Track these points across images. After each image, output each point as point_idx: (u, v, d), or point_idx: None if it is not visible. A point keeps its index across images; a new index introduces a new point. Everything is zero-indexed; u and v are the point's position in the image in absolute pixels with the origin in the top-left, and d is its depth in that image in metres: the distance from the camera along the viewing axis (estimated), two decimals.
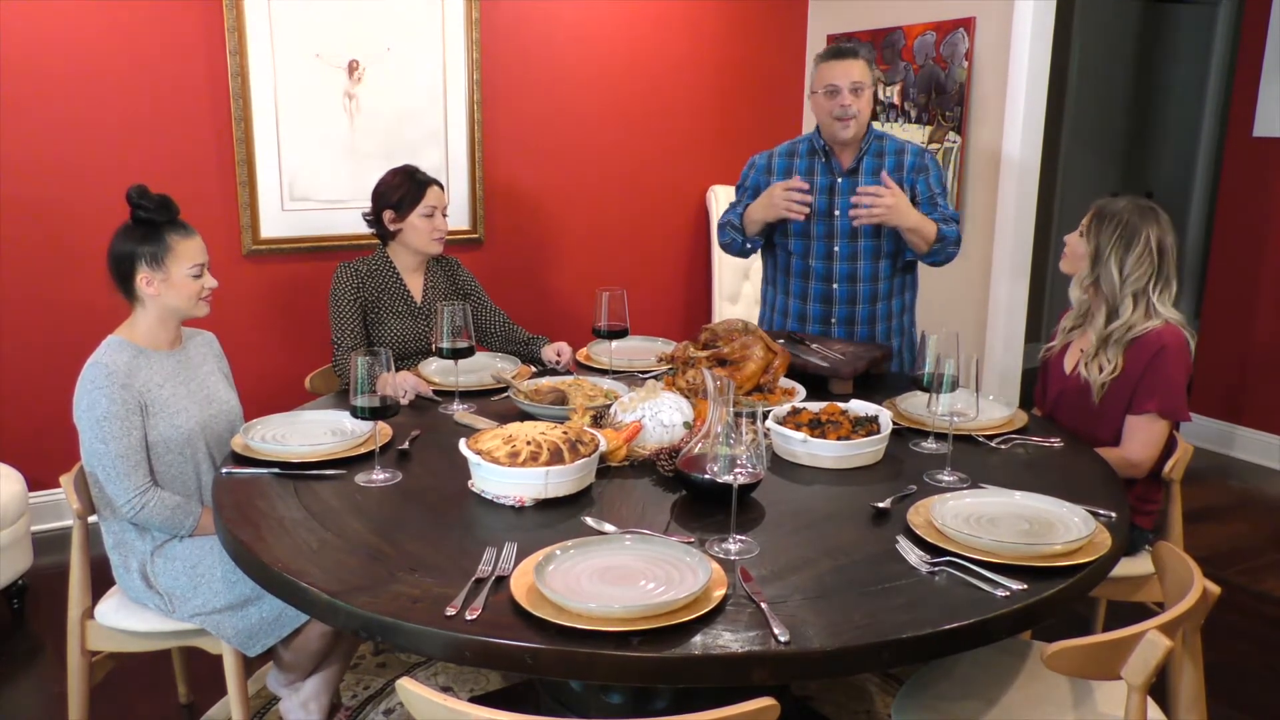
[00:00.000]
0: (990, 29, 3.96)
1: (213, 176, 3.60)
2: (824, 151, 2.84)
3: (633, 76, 4.36)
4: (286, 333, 3.81)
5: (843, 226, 2.81)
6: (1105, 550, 1.60)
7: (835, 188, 2.82)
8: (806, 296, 2.90)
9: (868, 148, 2.82)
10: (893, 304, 2.90)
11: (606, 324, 2.60)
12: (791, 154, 2.90)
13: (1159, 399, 2.24)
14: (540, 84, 4.15)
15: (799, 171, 2.85)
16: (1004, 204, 3.98)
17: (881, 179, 2.67)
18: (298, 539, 1.66)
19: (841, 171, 2.82)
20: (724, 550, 1.61)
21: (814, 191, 2.80)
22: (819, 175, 2.84)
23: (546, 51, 4.15)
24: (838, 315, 2.88)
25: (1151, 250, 2.26)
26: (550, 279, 4.36)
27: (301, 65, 3.65)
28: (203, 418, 2.20)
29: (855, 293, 2.85)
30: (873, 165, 2.81)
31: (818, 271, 2.87)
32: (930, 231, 2.68)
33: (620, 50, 4.31)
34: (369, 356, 1.89)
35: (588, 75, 4.26)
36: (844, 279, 2.85)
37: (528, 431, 1.87)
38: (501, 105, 4.06)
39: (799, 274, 2.90)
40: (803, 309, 2.92)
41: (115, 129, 3.44)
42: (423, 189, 2.79)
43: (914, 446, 2.15)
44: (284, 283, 3.79)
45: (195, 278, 2.17)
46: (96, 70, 3.39)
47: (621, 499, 1.86)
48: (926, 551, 1.60)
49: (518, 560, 1.54)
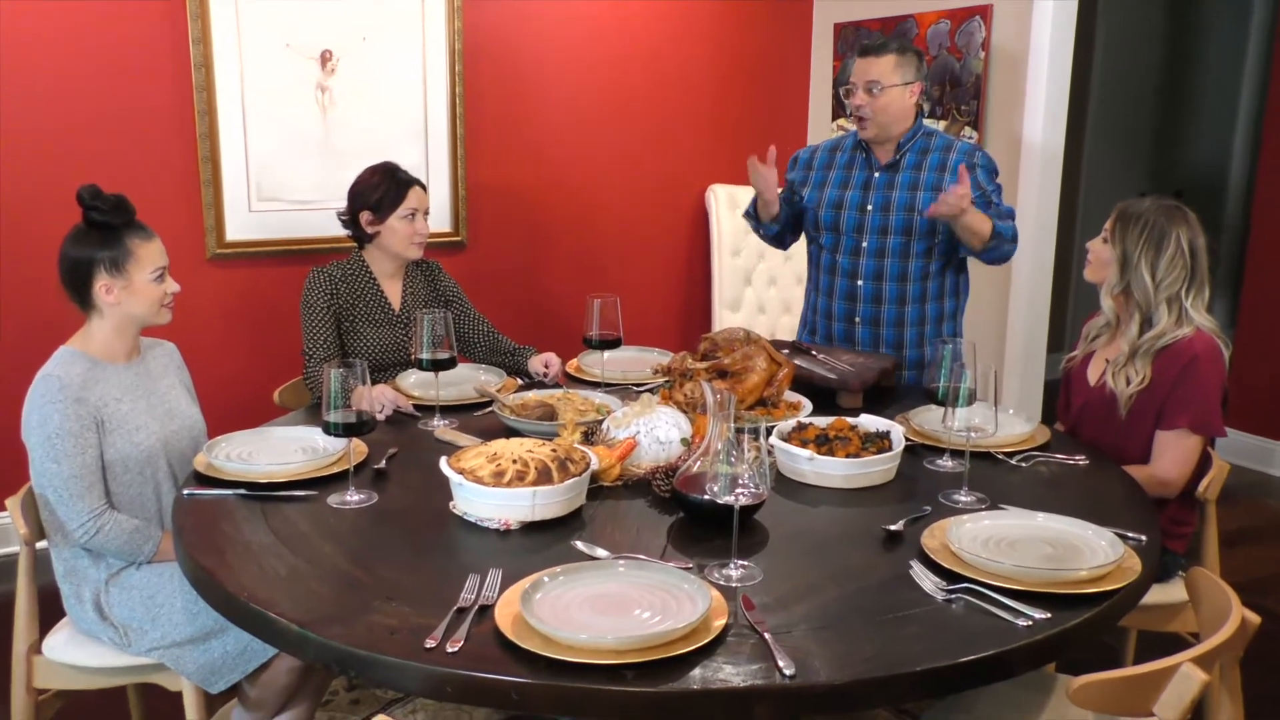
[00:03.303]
0: (1008, 16, 3.98)
1: (174, 175, 3.60)
2: (864, 147, 2.92)
3: (627, 69, 4.37)
4: (254, 343, 3.80)
5: (873, 222, 2.86)
6: (1135, 576, 1.60)
7: (871, 182, 2.88)
8: (833, 293, 2.96)
9: (912, 144, 2.87)
10: (927, 308, 2.91)
11: (598, 333, 2.61)
12: (835, 149, 3.01)
13: (1191, 412, 2.25)
14: (527, 76, 4.16)
15: (839, 165, 2.96)
16: (1024, 204, 4.00)
17: (959, 176, 2.67)
18: (265, 566, 1.66)
19: (880, 166, 2.88)
20: (724, 577, 1.61)
21: (851, 186, 2.90)
22: (857, 169, 2.92)
23: (534, 42, 4.16)
24: (861, 314, 2.92)
25: (1184, 252, 2.27)
26: (538, 285, 4.36)
27: (270, 56, 3.65)
28: (163, 434, 2.19)
29: (881, 292, 2.89)
30: (914, 161, 2.87)
31: (844, 267, 2.92)
32: (985, 229, 2.71)
33: (614, 41, 4.33)
34: (343, 368, 1.88)
35: (579, 67, 4.27)
36: (869, 276, 2.89)
37: (514, 449, 1.87)
38: (486, 99, 4.07)
39: (827, 269, 2.98)
40: (829, 306, 2.98)
41: (66, 123, 3.44)
42: (404, 189, 2.79)
43: (928, 464, 2.15)
44: (251, 289, 3.78)
45: (157, 282, 2.17)
46: (46, 61, 3.39)
47: (614, 522, 1.86)
48: (942, 577, 1.60)
49: (503, 588, 1.53)
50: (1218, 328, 2.32)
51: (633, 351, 2.94)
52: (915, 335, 2.91)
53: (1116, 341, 2.38)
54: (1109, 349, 2.42)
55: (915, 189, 2.83)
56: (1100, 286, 2.41)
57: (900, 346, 2.90)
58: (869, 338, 2.92)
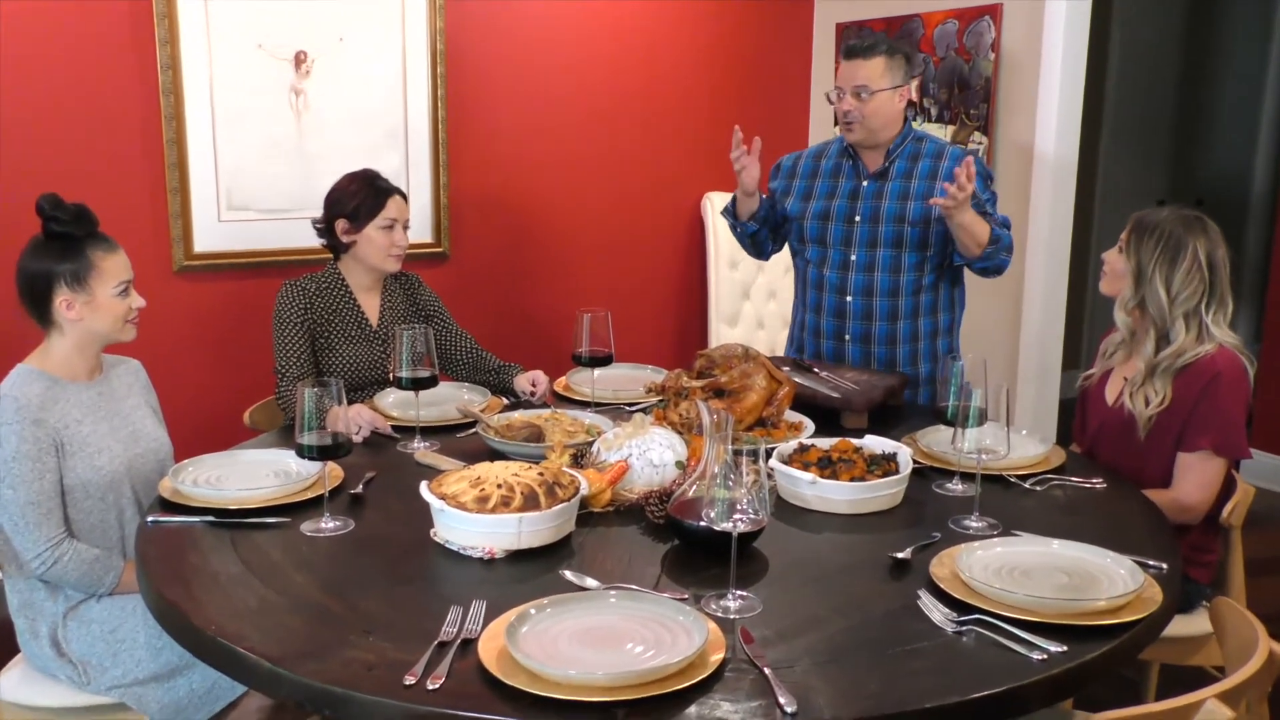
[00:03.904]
0: (1019, 16, 4.01)
1: (139, 183, 3.60)
2: (850, 153, 2.91)
3: (619, 70, 4.39)
4: (223, 360, 3.79)
5: (862, 234, 2.86)
6: (1156, 607, 1.60)
7: (859, 191, 2.88)
8: (821, 309, 2.96)
9: (901, 150, 2.87)
10: (920, 324, 2.91)
11: (588, 350, 2.61)
12: (820, 155, 3.01)
13: (1214, 433, 2.26)
14: (514, 79, 4.18)
15: (825, 173, 2.96)
16: (1037, 213, 4.02)
17: (955, 173, 2.66)
18: (234, 597, 1.65)
19: (868, 174, 2.88)
20: (722, 608, 1.61)
21: (837, 196, 2.90)
22: (845, 178, 2.92)
23: (521, 43, 4.17)
24: (851, 332, 2.92)
25: (1201, 264, 2.29)
26: (524, 298, 4.36)
27: (242, 57, 3.66)
28: (127, 458, 2.19)
29: (871, 308, 2.89)
30: (904, 169, 2.86)
31: (832, 282, 2.92)
32: (983, 233, 2.71)
33: (605, 42, 4.35)
34: (317, 387, 1.89)
35: (568, 69, 4.28)
36: (859, 292, 2.89)
37: (499, 473, 1.87)
38: (469, 102, 4.08)
39: (815, 284, 2.98)
40: (817, 323, 2.98)
41: (23, 129, 3.44)
42: (383, 198, 2.80)
43: (937, 488, 2.15)
44: (220, 303, 3.78)
45: (121, 296, 2.16)
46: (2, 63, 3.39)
47: (605, 550, 1.86)
48: (952, 608, 1.60)
49: (487, 620, 1.53)
50: (1241, 344, 2.33)
51: (624, 369, 2.95)
52: (908, 352, 2.91)
53: (1134, 359, 2.39)
54: (1127, 367, 2.43)
55: (906, 199, 2.83)
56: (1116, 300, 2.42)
57: (893, 365, 2.90)
58: (859, 356, 2.92)
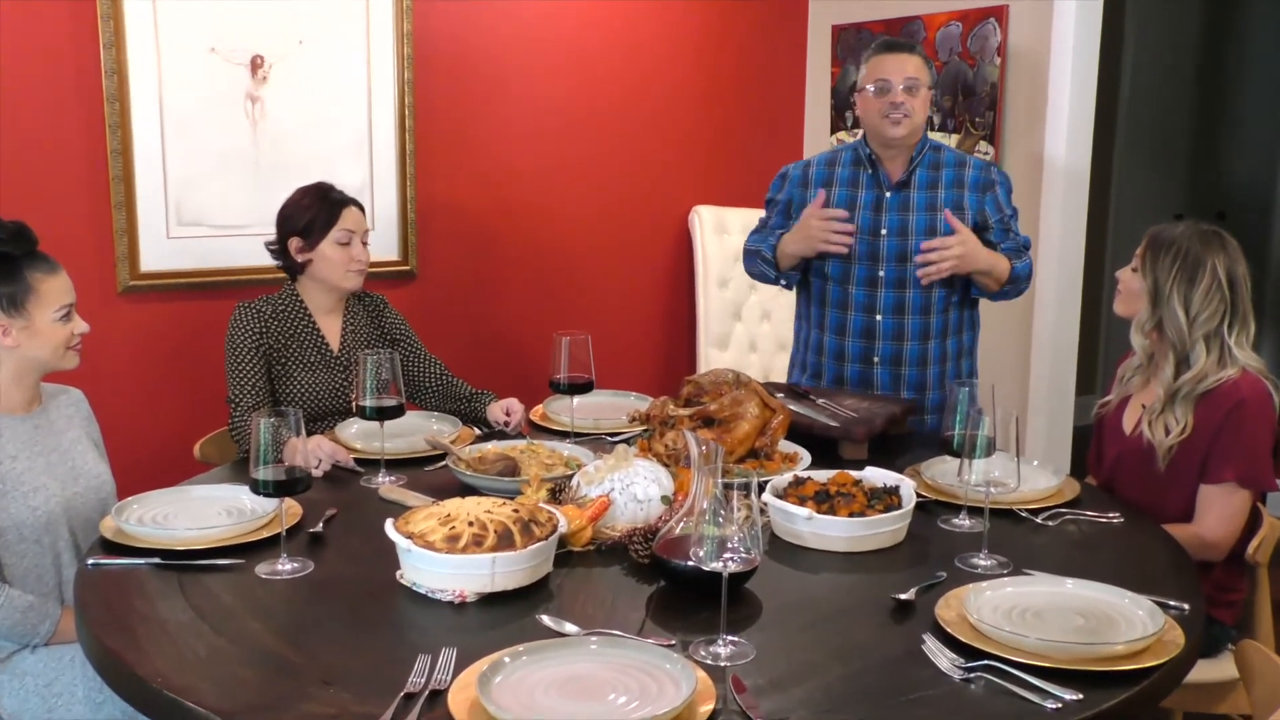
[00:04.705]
0: (1026, 17, 4.05)
1: (81, 197, 3.59)
2: (870, 161, 2.93)
3: (601, 76, 4.41)
4: (172, 389, 3.78)
5: (889, 248, 2.89)
6: (1178, 650, 1.61)
7: (883, 203, 2.90)
8: (845, 331, 2.97)
9: (922, 158, 2.91)
10: (948, 344, 2.95)
11: (567, 376, 2.61)
12: (832, 163, 3.01)
13: (1238, 464, 2.27)
14: (486, 84, 4.19)
15: (841, 182, 2.96)
16: (1047, 228, 4.05)
17: (946, 218, 2.75)
18: (183, 646, 1.64)
19: (890, 185, 2.90)
20: (712, 655, 1.60)
21: (858, 207, 2.91)
22: (864, 188, 2.93)
23: (495, 46, 4.19)
24: (881, 353, 2.94)
25: (1220, 283, 2.31)
26: (498, 320, 4.37)
27: (193, 61, 3.66)
28: (66, 496, 2.18)
29: (902, 327, 2.91)
30: (927, 178, 2.90)
31: (858, 301, 2.93)
32: (1003, 270, 2.78)
33: (586, 45, 4.37)
34: (274, 418, 1.88)
35: (547, 75, 4.30)
36: (889, 310, 2.91)
37: (470, 510, 1.87)
38: (439, 110, 4.10)
39: (836, 304, 2.97)
40: (840, 345, 2.98)
41: None
42: (337, 210, 2.80)
43: (943, 524, 2.16)
44: (169, 326, 3.77)
45: (63, 321, 2.16)
46: None
47: (586, 592, 1.86)
48: (959, 653, 1.60)
49: (457, 670, 1.53)
50: (1265, 367, 2.36)
51: (606, 396, 2.95)
52: (938, 374, 2.95)
53: (1152, 384, 2.41)
54: (1145, 393, 2.44)
55: (934, 209, 2.87)
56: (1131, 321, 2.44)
57: (923, 388, 2.92)
58: (889, 379, 2.94)
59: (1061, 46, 3.95)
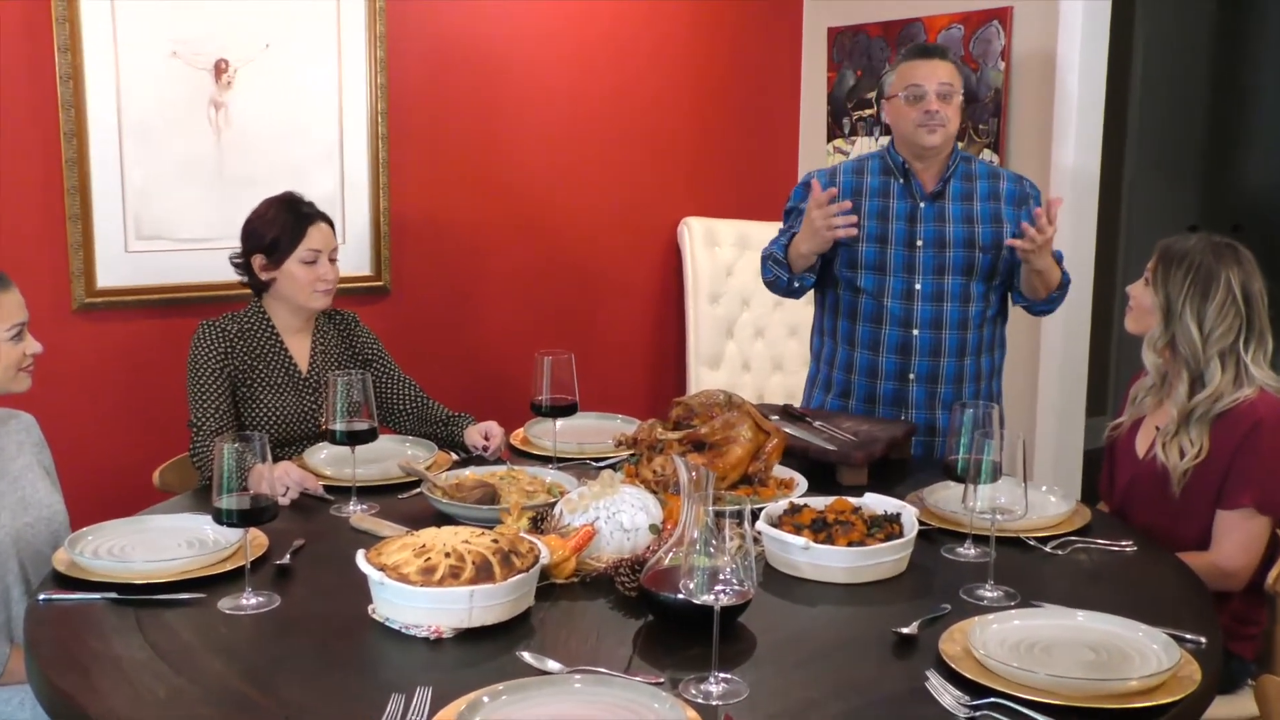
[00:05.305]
0: (1031, 19, 4.07)
1: (34, 209, 3.58)
2: (902, 170, 2.95)
3: (585, 81, 4.42)
4: (130, 412, 3.77)
5: (926, 260, 2.91)
6: (1195, 686, 1.61)
7: (918, 214, 2.93)
8: (879, 346, 2.98)
9: (954, 169, 2.94)
10: (982, 361, 2.99)
11: (549, 397, 2.61)
12: (859, 171, 3.03)
13: (1257, 489, 2.28)
14: (464, 91, 4.20)
15: (871, 192, 2.97)
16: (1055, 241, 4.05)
17: (1034, 213, 2.75)
18: (140, 687, 1.63)
19: (925, 195, 2.93)
20: (703, 693, 1.60)
21: (891, 218, 2.93)
22: (897, 198, 2.95)
23: (472, 51, 4.20)
24: (917, 370, 2.95)
25: (1235, 297, 2.32)
26: (476, 339, 4.36)
27: (154, 65, 3.66)
28: (15, 527, 2.16)
29: (939, 342, 2.93)
30: (961, 189, 2.93)
31: (894, 314, 2.95)
32: (1056, 278, 2.81)
33: (570, 48, 4.38)
34: (239, 443, 1.88)
35: (528, 80, 4.31)
36: (926, 324, 2.93)
37: (447, 540, 1.87)
38: (414, 117, 4.10)
39: (869, 318, 2.99)
40: (874, 362, 2.99)
41: None
42: (303, 227, 2.80)
43: (947, 554, 2.17)
44: (127, 346, 3.76)
45: (14, 341, 2.15)
46: None
47: (569, 627, 1.86)
48: (965, 690, 1.60)
49: (433, 710, 1.52)
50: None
51: (591, 419, 2.95)
52: (971, 392, 2.98)
53: (1166, 405, 2.42)
54: (1158, 414, 2.45)
55: (971, 222, 2.90)
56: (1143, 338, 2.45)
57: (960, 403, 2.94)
58: (924, 397, 2.96)
59: (1069, 49, 3.97)
